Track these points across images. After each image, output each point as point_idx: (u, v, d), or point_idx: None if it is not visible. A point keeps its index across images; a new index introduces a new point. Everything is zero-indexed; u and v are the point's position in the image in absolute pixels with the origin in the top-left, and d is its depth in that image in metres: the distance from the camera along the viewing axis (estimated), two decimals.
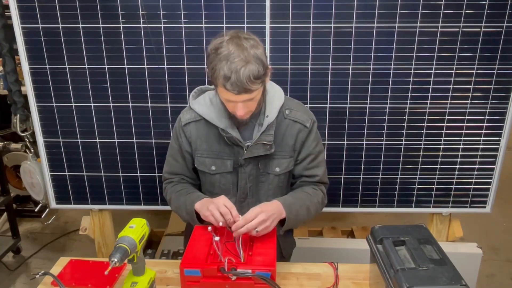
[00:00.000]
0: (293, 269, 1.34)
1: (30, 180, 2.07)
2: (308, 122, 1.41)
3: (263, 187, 1.44)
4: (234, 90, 1.18)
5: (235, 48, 1.18)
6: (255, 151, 1.37)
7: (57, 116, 1.83)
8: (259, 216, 1.23)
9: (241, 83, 1.17)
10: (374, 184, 1.89)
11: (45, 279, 1.29)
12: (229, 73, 1.17)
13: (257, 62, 1.18)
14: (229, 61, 1.17)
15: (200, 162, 1.43)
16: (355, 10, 1.65)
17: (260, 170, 1.42)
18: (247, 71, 1.17)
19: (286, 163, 1.42)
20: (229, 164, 1.41)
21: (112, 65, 1.75)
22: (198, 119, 1.40)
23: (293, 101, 1.46)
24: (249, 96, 1.22)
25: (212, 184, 1.45)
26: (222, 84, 1.19)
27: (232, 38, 1.20)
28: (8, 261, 2.62)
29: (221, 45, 1.19)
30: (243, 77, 1.16)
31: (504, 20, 1.65)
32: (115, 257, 1.06)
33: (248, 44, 1.19)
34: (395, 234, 1.16)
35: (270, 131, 1.36)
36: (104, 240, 2.09)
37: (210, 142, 1.41)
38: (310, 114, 1.45)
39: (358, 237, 2.46)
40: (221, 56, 1.18)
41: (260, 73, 1.19)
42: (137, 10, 1.68)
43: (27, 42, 1.74)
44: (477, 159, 1.85)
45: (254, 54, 1.18)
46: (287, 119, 1.40)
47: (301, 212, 1.36)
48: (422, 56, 1.71)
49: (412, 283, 0.98)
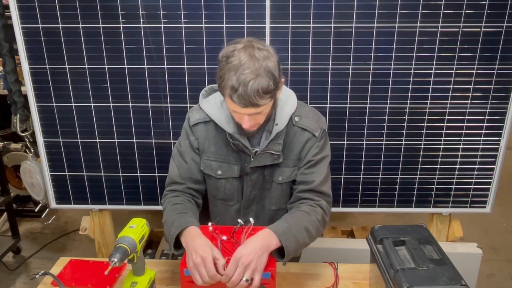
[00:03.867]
0: (293, 269, 1.34)
1: (30, 180, 2.07)
2: (318, 132, 1.34)
3: (268, 195, 1.40)
4: (241, 103, 1.13)
5: (247, 58, 1.12)
6: (262, 160, 1.32)
7: (57, 116, 1.83)
8: (238, 268, 1.09)
9: (248, 97, 1.12)
10: (374, 184, 1.89)
11: (45, 279, 1.29)
12: (237, 85, 1.11)
13: (268, 76, 1.13)
14: (238, 72, 1.11)
15: (206, 165, 1.37)
16: (355, 10, 1.65)
17: (266, 177, 1.37)
18: (256, 84, 1.11)
19: (289, 172, 1.36)
20: (236, 170, 1.36)
21: (112, 65, 1.75)
22: (208, 120, 1.35)
23: (305, 107, 1.39)
24: (256, 110, 1.17)
25: (217, 188, 1.40)
26: (229, 95, 1.14)
27: (245, 47, 1.14)
28: (8, 261, 2.61)
29: (233, 54, 1.14)
30: (251, 91, 1.11)
31: (504, 20, 1.65)
32: (115, 257, 1.06)
33: (261, 55, 1.14)
34: (395, 234, 1.16)
35: (278, 140, 1.31)
36: (104, 240, 2.09)
37: (218, 146, 1.35)
38: (321, 122, 1.37)
39: (358, 237, 2.46)
40: (231, 66, 1.13)
41: (270, 87, 1.14)
42: (137, 10, 1.68)
43: (27, 42, 1.74)
44: (477, 159, 1.85)
45: (266, 66, 1.13)
46: (295, 126, 1.33)
47: (300, 235, 1.22)
48: (422, 56, 1.71)
49: (412, 283, 0.98)
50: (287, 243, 1.16)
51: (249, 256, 1.10)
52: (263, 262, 1.12)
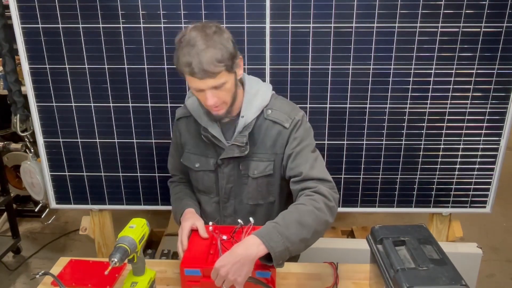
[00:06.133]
0: (293, 269, 1.34)
1: (30, 180, 2.07)
2: (288, 122, 1.32)
3: (245, 189, 1.41)
4: (198, 74, 1.16)
5: (198, 35, 1.16)
6: (230, 152, 1.35)
7: (57, 116, 1.83)
8: (217, 278, 1.09)
9: (202, 65, 1.14)
10: (374, 184, 1.89)
11: (45, 279, 1.29)
12: (190, 59, 1.15)
13: (219, 47, 1.16)
14: (190, 47, 1.15)
15: (186, 158, 1.46)
16: (355, 10, 1.65)
17: (242, 172, 1.39)
18: (209, 53, 1.14)
19: (264, 166, 1.36)
20: (211, 163, 1.41)
21: (112, 65, 1.75)
22: (188, 115, 1.42)
23: (280, 100, 1.40)
24: (214, 81, 1.18)
25: (196, 180, 1.47)
26: (186, 71, 1.17)
27: (195, 27, 1.19)
28: (8, 261, 2.62)
29: (184, 34, 1.19)
30: (204, 60, 1.14)
31: (504, 20, 1.65)
32: (115, 257, 1.06)
33: (211, 31, 1.17)
34: (395, 234, 1.16)
35: (244, 132, 1.33)
36: (104, 240, 2.09)
37: (196, 139, 1.42)
38: (292, 113, 1.34)
39: (358, 237, 2.46)
40: (183, 44, 1.17)
41: (224, 56, 1.17)
42: (137, 10, 1.68)
43: (27, 42, 1.74)
44: (477, 159, 1.85)
45: (216, 39, 1.17)
46: (267, 119, 1.34)
47: (291, 231, 1.14)
48: (422, 56, 1.70)
49: (412, 283, 0.98)
50: (272, 244, 1.10)
51: (226, 267, 1.07)
52: (244, 274, 1.07)
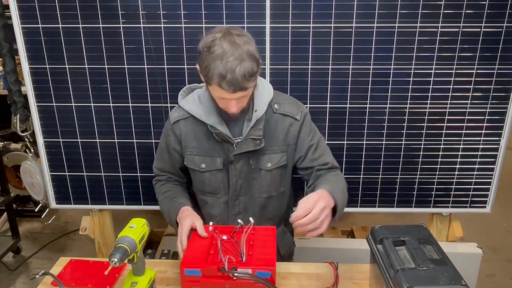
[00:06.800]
0: (293, 269, 1.34)
1: (30, 180, 2.07)
2: (299, 115, 1.40)
3: (255, 184, 1.43)
4: (230, 88, 1.18)
5: (229, 46, 1.17)
6: (245, 146, 1.36)
7: (57, 116, 1.83)
8: (318, 204, 1.15)
9: (237, 82, 1.17)
10: (374, 184, 1.89)
11: (45, 279, 1.29)
12: (225, 72, 1.16)
13: (251, 59, 1.18)
14: (223, 59, 1.16)
15: (189, 160, 1.44)
16: (355, 10, 1.65)
17: (252, 167, 1.41)
18: (243, 69, 1.16)
19: (278, 158, 1.41)
20: (219, 162, 1.41)
21: (112, 65, 1.75)
22: (187, 116, 1.41)
23: (282, 95, 1.46)
24: (243, 93, 1.22)
25: (202, 182, 1.45)
26: (217, 83, 1.19)
27: (224, 36, 1.19)
28: (8, 261, 2.62)
29: (214, 43, 1.18)
30: (239, 76, 1.16)
31: (504, 20, 1.65)
32: (115, 257, 1.06)
33: (241, 41, 1.19)
34: (395, 234, 1.16)
35: (259, 125, 1.36)
36: (104, 240, 2.09)
37: (200, 140, 1.41)
38: (300, 106, 1.43)
39: (358, 237, 2.45)
40: (215, 55, 1.17)
41: (255, 70, 1.20)
42: (137, 10, 1.68)
43: (27, 42, 1.74)
44: (477, 159, 1.85)
45: (247, 51, 1.18)
46: (276, 113, 1.39)
47: (342, 196, 1.29)
48: (422, 56, 1.71)
49: (412, 283, 0.98)
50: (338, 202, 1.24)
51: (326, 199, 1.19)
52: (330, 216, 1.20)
